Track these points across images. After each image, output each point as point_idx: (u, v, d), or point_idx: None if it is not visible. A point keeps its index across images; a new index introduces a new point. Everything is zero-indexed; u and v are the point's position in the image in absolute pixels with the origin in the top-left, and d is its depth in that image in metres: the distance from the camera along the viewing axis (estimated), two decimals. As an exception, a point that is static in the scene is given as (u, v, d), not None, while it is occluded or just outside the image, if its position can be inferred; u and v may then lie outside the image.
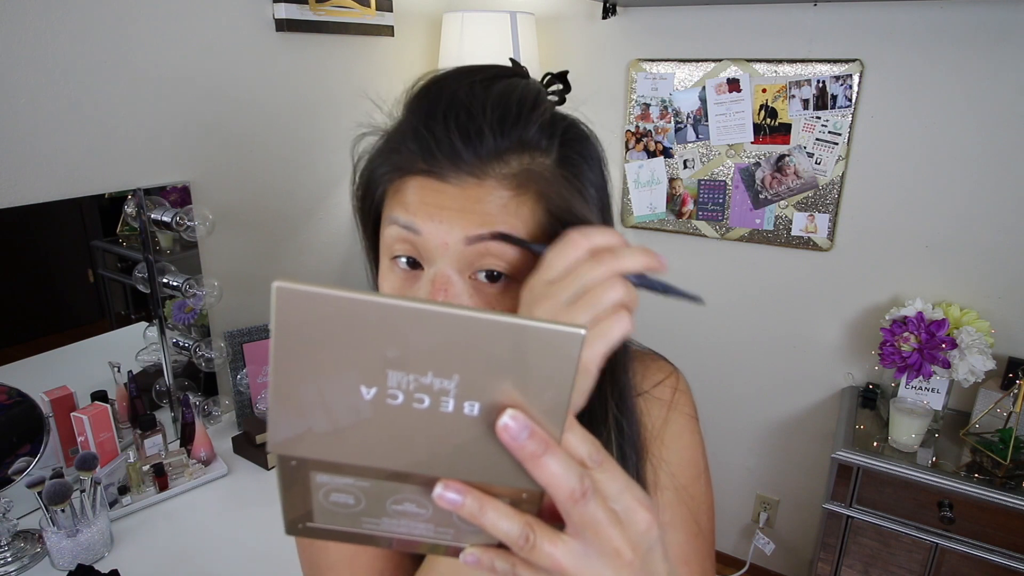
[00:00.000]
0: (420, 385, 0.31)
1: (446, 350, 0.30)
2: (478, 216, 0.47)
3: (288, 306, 0.31)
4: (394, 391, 0.31)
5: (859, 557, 1.69)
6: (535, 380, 0.31)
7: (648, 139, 2.07)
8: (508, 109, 0.49)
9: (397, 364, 0.31)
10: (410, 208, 0.49)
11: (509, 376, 0.31)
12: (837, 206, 1.86)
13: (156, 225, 1.46)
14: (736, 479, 2.24)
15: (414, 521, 0.37)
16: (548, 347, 0.31)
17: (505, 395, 0.32)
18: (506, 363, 0.31)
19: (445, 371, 0.31)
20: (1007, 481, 1.51)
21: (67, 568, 1.13)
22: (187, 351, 1.56)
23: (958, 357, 1.62)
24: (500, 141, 0.48)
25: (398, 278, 0.51)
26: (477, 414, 0.32)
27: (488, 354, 0.31)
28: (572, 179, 0.52)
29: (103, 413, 1.31)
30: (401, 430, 0.32)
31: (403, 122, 0.52)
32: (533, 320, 0.30)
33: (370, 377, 0.31)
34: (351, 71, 1.93)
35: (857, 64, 1.74)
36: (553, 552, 0.33)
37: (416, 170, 0.49)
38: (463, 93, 0.49)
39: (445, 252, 0.48)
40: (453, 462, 0.33)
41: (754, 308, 2.07)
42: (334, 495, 0.36)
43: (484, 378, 0.31)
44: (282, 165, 1.78)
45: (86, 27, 1.30)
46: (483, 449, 0.33)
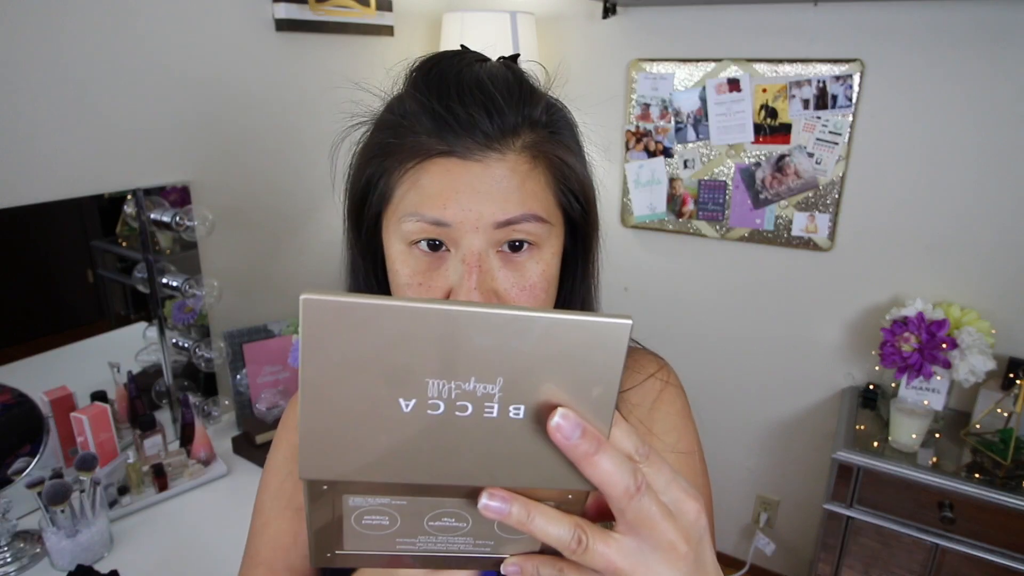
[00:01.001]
0: (462, 392, 0.29)
1: (489, 353, 0.28)
2: (503, 196, 0.48)
3: (317, 319, 0.28)
4: (435, 401, 0.29)
5: (859, 557, 1.69)
6: (582, 376, 0.30)
7: (648, 139, 2.06)
8: (518, 89, 0.51)
9: (437, 372, 0.29)
10: (433, 198, 0.48)
11: (555, 374, 0.29)
12: (837, 206, 1.86)
13: (156, 225, 1.46)
14: (736, 479, 2.24)
15: (452, 536, 0.35)
16: (595, 341, 0.29)
17: (552, 394, 0.30)
18: (552, 361, 0.29)
19: (488, 375, 0.29)
20: (1008, 481, 1.51)
21: (66, 568, 1.13)
22: (187, 351, 1.56)
23: (958, 357, 1.61)
24: (516, 117, 0.50)
25: (422, 263, 0.51)
26: (523, 417, 0.30)
27: (533, 353, 0.29)
28: (570, 155, 0.55)
29: (103, 413, 1.31)
30: (443, 441, 0.30)
31: (411, 105, 0.51)
32: (578, 314, 0.29)
33: (409, 388, 0.29)
34: (351, 71, 1.93)
35: (857, 64, 1.74)
36: (607, 552, 0.32)
37: (435, 152, 0.49)
38: (468, 73, 0.50)
39: (475, 234, 0.49)
40: (498, 469, 0.32)
41: (754, 308, 2.07)
42: (367, 517, 0.34)
43: (529, 379, 0.29)
44: (282, 165, 1.78)
45: (86, 27, 1.30)
46: (529, 453, 0.31)
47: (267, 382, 1.60)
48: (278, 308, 1.82)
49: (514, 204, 0.49)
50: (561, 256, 0.56)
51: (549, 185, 0.52)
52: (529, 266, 0.52)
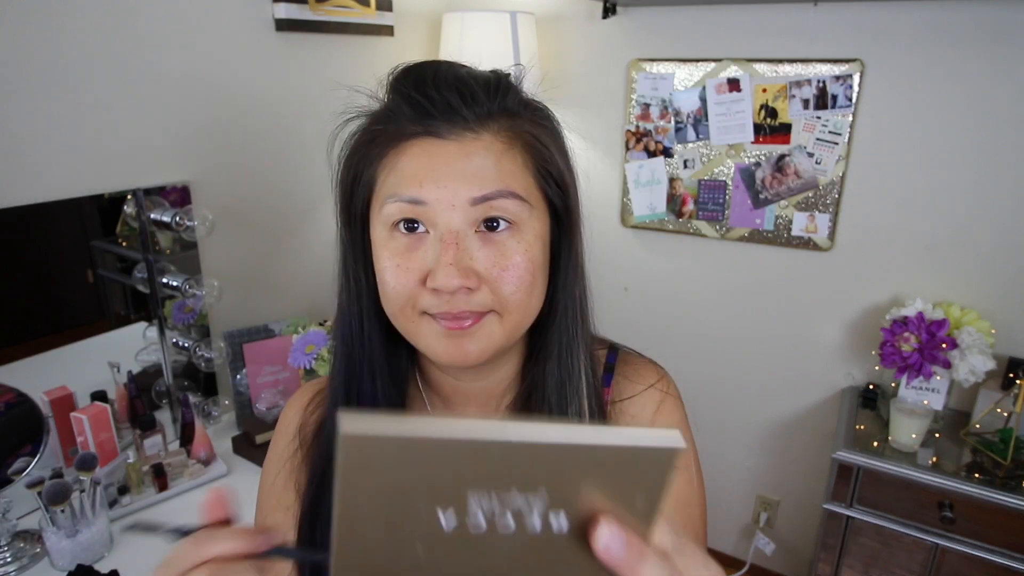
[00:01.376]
0: (504, 505, 0.29)
1: (533, 474, 0.28)
2: (478, 174, 0.50)
3: (357, 455, 0.27)
4: (475, 518, 0.29)
5: (859, 557, 1.69)
6: (628, 489, 0.30)
7: (648, 139, 2.06)
8: (490, 80, 0.54)
9: (479, 487, 0.28)
10: (412, 178, 0.50)
11: (600, 488, 0.29)
12: (837, 206, 1.86)
13: (156, 225, 1.46)
14: (736, 479, 2.24)
15: None
16: (644, 463, 0.29)
17: (595, 503, 0.30)
18: (598, 478, 0.29)
19: (531, 486, 0.29)
20: (1007, 481, 1.51)
21: (66, 568, 1.13)
22: (187, 351, 1.56)
23: (958, 357, 1.61)
24: (491, 104, 0.52)
25: (401, 244, 0.53)
26: (565, 530, 0.30)
27: (579, 471, 0.29)
28: (548, 142, 0.56)
29: (103, 413, 1.31)
30: (482, 554, 0.30)
31: (391, 97, 0.54)
32: (628, 437, 0.28)
33: (450, 504, 0.28)
34: (351, 71, 1.93)
35: (857, 64, 1.74)
36: None
37: (410, 133, 0.51)
38: (445, 68, 0.53)
39: (453, 211, 0.50)
40: (535, 574, 0.31)
41: (754, 308, 2.07)
42: None
43: (573, 492, 0.29)
44: (282, 165, 1.78)
45: (86, 27, 1.30)
46: (570, 561, 0.31)
47: (267, 382, 1.60)
48: (278, 308, 1.82)
49: (490, 181, 0.50)
50: (547, 243, 0.56)
51: (527, 166, 0.53)
52: (509, 244, 0.52)
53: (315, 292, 1.94)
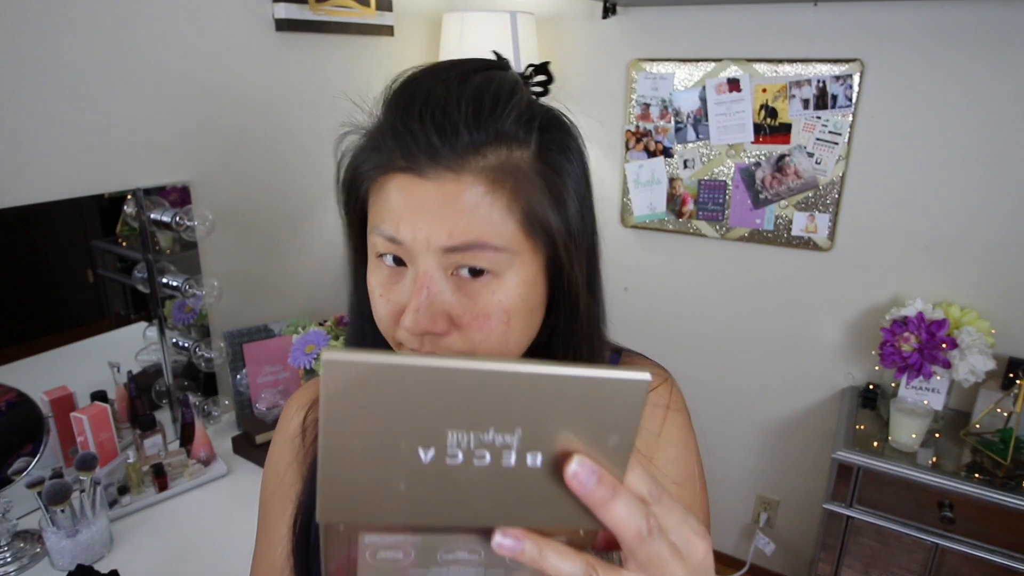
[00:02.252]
0: (481, 442, 0.30)
1: (508, 406, 0.30)
2: (452, 219, 0.48)
3: (338, 379, 0.29)
4: (453, 450, 0.30)
5: (859, 557, 1.69)
6: (599, 426, 0.31)
7: (648, 139, 2.06)
8: (482, 103, 0.49)
9: (456, 424, 0.30)
10: (391, 214, 0.49)
11: (573, 425, 0.31)
12: (837, 206, 1.86)
13: (156, 225, 1.46)
14: (736, 479, 2.24)
15: (464, 567, 0.36)
16: (614, 395, 0.30)
17: (569, 443, 0.31)
18: (570, 413, 0.30)
19: (507, 426, 0.30)
20: (1007, 481, 1.51)
21: (67, 568, 1.13)
22: (187, 351, 1.56)
23: (958, 357, 1.61)
24: (476, 135, 0.49)
25: (384, 275, 0.53)
26: (540, 465, 0.31)
27: (551, 405, 0.30)
28: (549, 173, 0.52)
29: (103, 413, 1.31)
30: (460, 487, 0.31)
31: (382, 121, 0.52)
32: (598, 370, 0.30)
33: (428, 440, 0.30)
34: (351, 71, 1.93)
35: (857, 64, 1.74)
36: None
37: (396, 167, 0.50)
38: (439, 90, 0.50)
39: (426, 253, 0.49)
40: (513, 511, 0.33)
41: (754, 308, 2.07)
42: (382, 552, 0.35)
43: (547, 428, 0.30)
44: (282, 165, 1.78)
45: (86, 27, 1.30)
46: (544, 496, 0.32)
47: (267, 382, 1.60)
48: (278, 308, 1.82)
49: (461, 229, 0.48)
50: (540, 281, 0.54)
51: (512, 209, 0.50)
52: (483, 294, 0.50)
53: (315, 292, 1.94)
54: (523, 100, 0.52)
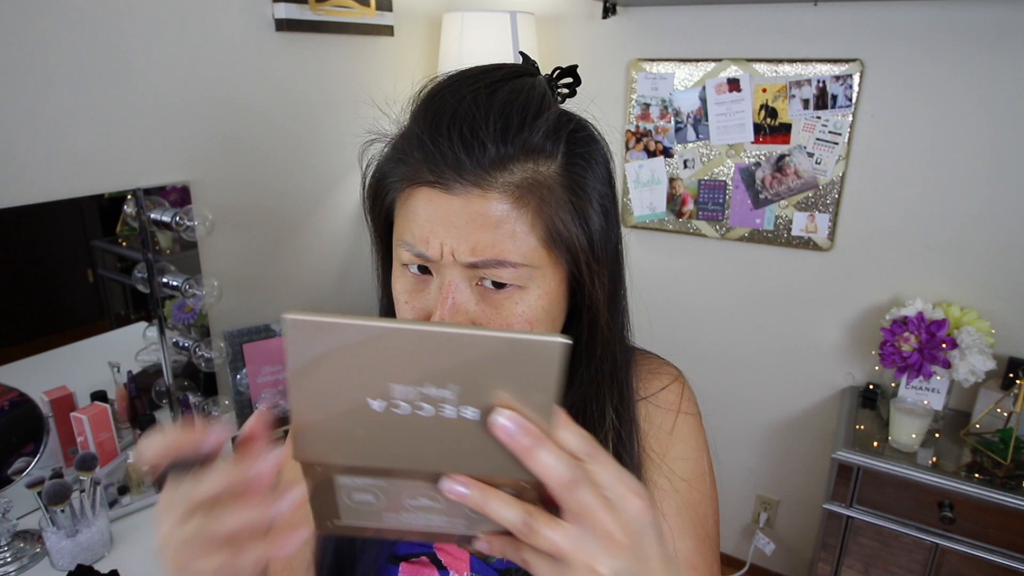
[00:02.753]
0: (422, 395, 0.35)
1: (441, 364, 0.34)
2: (479, 232, 0.49)
3: (299, 335, 0.34)
4: (398, 402, 0.35)
5: (859, 557, 1.69)
6: (523, 384, 0.35)
7: (648, 139, 2.06)
8: (510, 118, 0.50)
9: (399, 379, 0.34)
10: (417, 229, 0.50)
11: (499, 382, 0.35)
12: (837, 206, 1.86)
13: (156, 225, 1.46)
14: (736, 479, 2.24)
15: (430, 514, 0.41)
16: (532, 355, 0.34)
17: (499, 399, 0.35)
18: (497, 371, 0.34)
19: (442, 381, 0.34)
20: (1007, 481, 1.51)
21: (67, 568, 1.13)
22: (187, 351, 1.56)
23: (958, 357, 1.61)
24: (503, 149, 0.49)
25: (409, 282, 0.54)
26: (477, 418, 0.35)
27: (480, 364, 0.34)
28: (575, 187, 0.52)
29: (103, 413, 1.31)
30: (409, 435, 0.36)
31: (409, 131, 0.53)
32: (516, 332, 0.34)
33: (376, 391, 0.35)
34: (351, 71, 1.93)
35: (857, 64, 1.74)
36: (552, 536, 0.36)
37: (423, 180, 0.50)
38: (467, 103, 0.50)
39: (452, 267, 0.50)
40: (458, 459, 0.37)
41: (754, 308, 2.07)
42: (357, 494, 0.40)
43: (478, 385, 0.34)
44: (282, 165, 1.78)
45: (86, 27, 1.30)
46: (483, 447, 0.36)
47: (267, 382, 1.60)
48: (278, 308, 1.82)
49: (484, 246, 0.49)
50: (564, 293, 0.54)
51: (535, 227, 0.50)
52: (507, 305, 0.51)
53: (315, 292, 1.94)
54: (551, 113, 0.52)
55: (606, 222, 0.55)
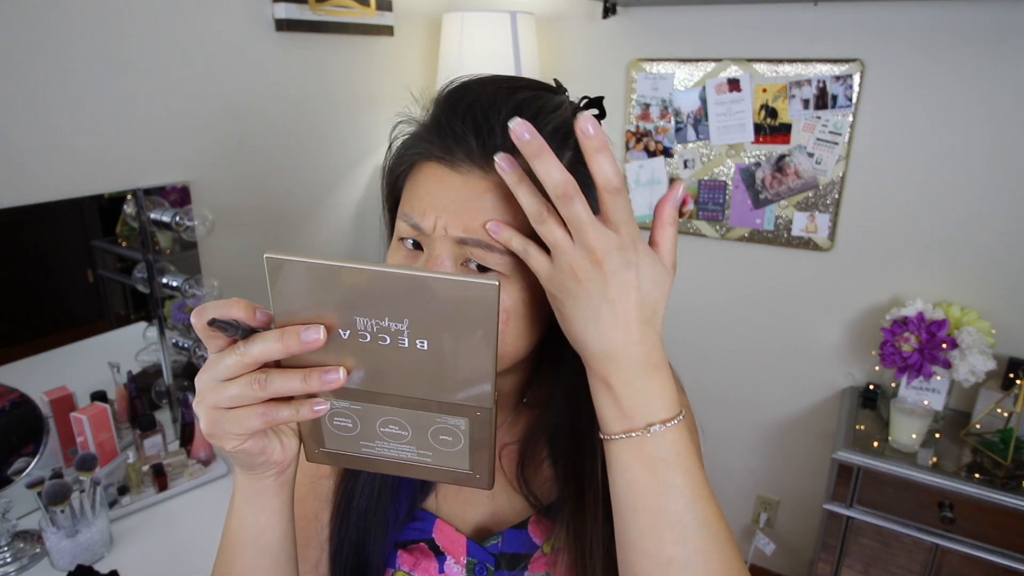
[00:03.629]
0: (380, 327, 0.40)
1: (395, 300, 0.39)
2: (473, 212, 0.51)
3: (277, 272, 0.40)
4: (363, 332, 0.41)
5: (859, 557, 1.69)
6: (465, 321, 0.40)
7: (648, 139, 2.06)
8: (522, 112, 0.52)
9: (361, 311, 0.40)
10: (417, 201, 0.54)
11: (445, 319, 0.39)
12: (837, 206, 1.86)
13: (156, 225, 1.46)
14: (736, 479, 2.24)
15: (399, 444, 0.46)
16: (470, 296, 0.39)
17: (445, 332, 0.40)
18: (440, 309, 0.39)
19: (396, 316, 0.40)
20: (1008, 481, 1.51)
21: (66, 568, 1.13)
22: (187, 351, 1.56)
23: (959, 357, 1.61)
24: (510, 141, 0.50)
25: (401, 256, 0.57)
26: (427, 349, 0.41)
27: (425, 302, 0.39)
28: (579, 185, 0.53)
29: (102, 413, 1.31)
30: (373, 361, 0.42)
31: (430, 116, 0.57)
32: (458, 275, 0.39)
33: (344, 322, 0.40)
34: (351, 71, 1.93)
35: (858, 64, 1.74)
36: (558, 230, 0.46)
37: (432, 156, 0.54)
38: (486, 96, 0.54)
39: (443, 240, 0.52)
40: (413, 384, 0.43)
41: (754, 308, 2.07)
42: (336, 419, 0.46)
43: (427, 321, 0.40)
44: (282, 165, 1.78)
45: (85, 27, 1.30)
46: (436, 374, 0.42)
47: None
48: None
49: (477, 226, 0.51)
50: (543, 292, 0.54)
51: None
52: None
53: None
54: (564, 118, 0.53)
55: None
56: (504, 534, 0.63)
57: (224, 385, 0.42)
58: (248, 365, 0.41)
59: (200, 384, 0.43)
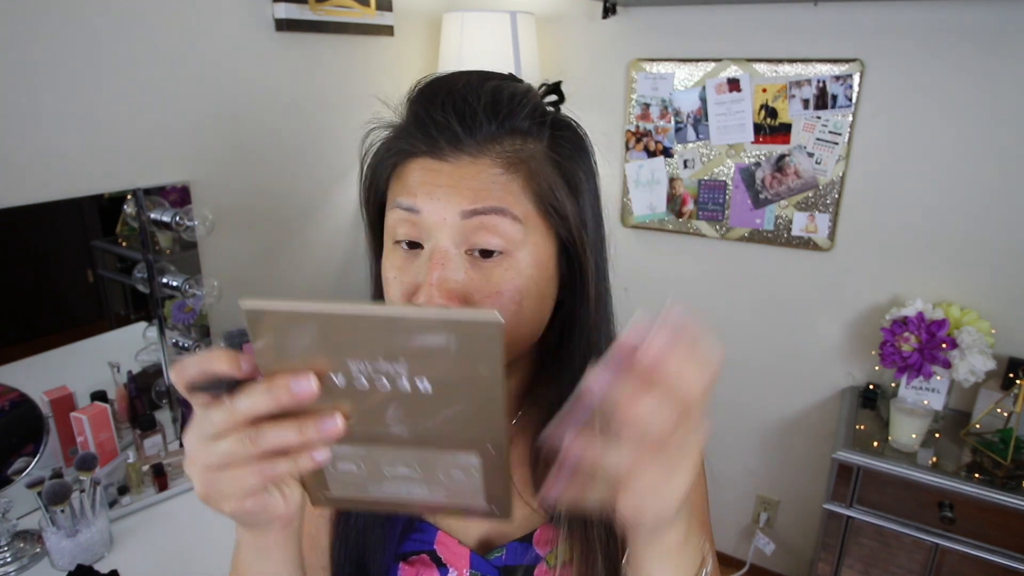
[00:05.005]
0: (376, 370, 0.37)
1: (389, 341, 0.36)
2: (472, 191, 0.50)
3: (257, 321, 0.36)
4: (358, 376, 0.37)
5: (859, 557, 1.69)
6: (469, 359, 0.36)
7: (648, 139, 2.06)
8: (500, 99, 0.53)
9: (354, 355, 0.36)
10: (410, 190, 0.52)
11: (446, 357, 0.36)
12: (837, 206, 1.86)
13: (156, 225, 1.46)
14: (736, 480, 2.24)
15: (410, 484, 0.43)
16: (472, 333, 0.35)
17: (448, 371, 0.37)
18: (440, 348, 0.36)
19: (393, 356, 0.36)
20: (1007, 481, 1.51)
21: (67, 568, 1.13)
22: (187, 351, 1.56)
23: (958, 357, 1.61)
24: (493, 125, 0.52)
25: (399, 257, 0.54)
26: (431, 391, 0.37)
27: (423, 341, 0.36)
28: (563, 164, 0.55)
29: (102, 413, 1.31)
30: (372, 406, 0.38)
31: (407, 114, 0.56)
32: (455, 312, 0.36)
33: (336, 367, 0.37)
34: (351, 71, 1.93)
35: (857, 64, 1.74)
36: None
37: (418, 152, 0.52)
38: (460, 85, 0.53)
39: (443, 227, 0.50)
40: (419, 427, 0.40)
41: (754, 308, 2.07)
42: (341, 464, 0.42)
43: (427, 360, 0.36)
44: (282, 165, 1.78)
45: (86, 27, 1.30)
46: (441, 415, 0.39)
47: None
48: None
49: (483, 197, 0.50)
50: (552, 267, 0.55)
51: (527, 190, 0.52)
52: (496, 272, 0.51)
53: (315, 292, 1.94)
54: (537, 101, 0.55)
55: (594, 206, 0.58)
56: (508, 547, 0.62)
57: (214, 444, 0.38)
58: (237, 421, 0.38)
59: (188, 444, 0.40)
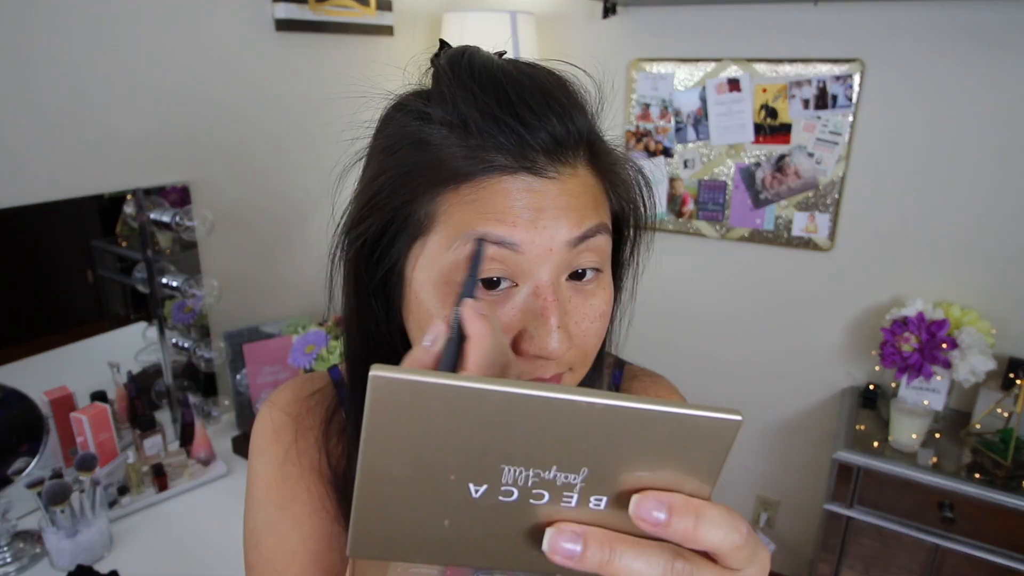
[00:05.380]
0: (541, 480, 0.26)
1: (577, 441, 0.26)
2: (578, 212, 0.41)
3: (387, 397, 0.25)
4: (508, 488, 0.27)
5: (859, 558, 1.69)
6: (678, 470, 0.27)
7: (648, 139, 2.06)
8: (571, 89, 0.46)
9: (515, 459, 0.26)
10: (503, 218, 0.40)
11: (647, 466, 0.27)
12: (838, 206, 1.86)
13: (155, 225, 1.46)
14: (736, 480, 2.24)
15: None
16: (700, 436, 0.26)
17: (639, 485, 0.27)
18: (646, 453, 0.26)
19: (573, 464, 0.26)
20: (1008, 481, 1.51)
21: (66, 568, 1.13)
22: (186, 351, 1.56)
23: (959, 357, 1.61)
24: (583, 122, 0.44)
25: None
26: (603, 508, 0.27)
27: (626, 444, 0.26)
28: (632, 168, 0.52)
29: (102, 413, 1.31)
30: (510, 528, 0.28)
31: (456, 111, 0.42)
32: (686, 408, 0.26)
33: (482, 474, 0.26)
34: (351, 71, 1.93)
35: (858, 64, 1.74)
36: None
37: (500, 166, 0.40)
38: (515, 69, 0.43)
39: (548, 259, 0.41)
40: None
41: (754, 308, 2.07)
42: (413, 568, 0.34)
43: (617, 469, 0.27)
44: (282, 165, 1.78)
45: (85, 27, 1.30)
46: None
47: (267, 382, 1.60)
48: (278, 308, 1.82)
49: (589, 215, 0.42)
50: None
51: (609, 200, 0.47)
52: (597, 294, 0.45)
53: (315, 292, 1.94)
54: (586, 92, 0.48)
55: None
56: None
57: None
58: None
59: None
